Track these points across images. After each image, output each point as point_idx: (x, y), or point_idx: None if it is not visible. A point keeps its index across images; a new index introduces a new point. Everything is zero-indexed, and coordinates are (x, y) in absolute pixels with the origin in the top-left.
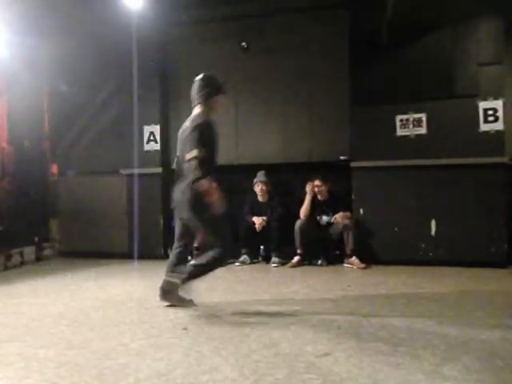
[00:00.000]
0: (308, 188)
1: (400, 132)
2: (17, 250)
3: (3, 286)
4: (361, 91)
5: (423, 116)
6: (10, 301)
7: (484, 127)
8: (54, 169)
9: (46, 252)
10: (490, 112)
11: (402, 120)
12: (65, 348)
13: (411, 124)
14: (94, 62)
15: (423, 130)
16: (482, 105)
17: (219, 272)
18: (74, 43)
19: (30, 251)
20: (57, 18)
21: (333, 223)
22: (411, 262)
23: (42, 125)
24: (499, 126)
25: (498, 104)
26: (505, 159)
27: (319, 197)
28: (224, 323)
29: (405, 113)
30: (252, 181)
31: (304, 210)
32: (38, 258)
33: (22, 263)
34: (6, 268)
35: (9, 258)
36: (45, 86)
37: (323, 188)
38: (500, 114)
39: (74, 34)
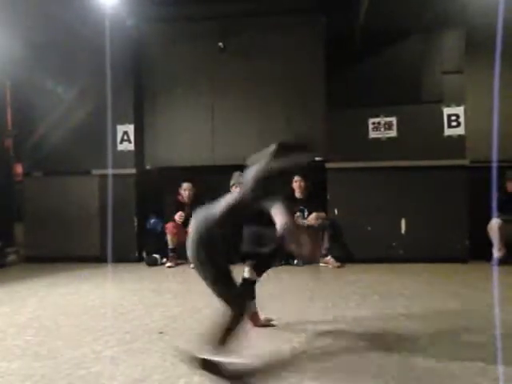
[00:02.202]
0: (294, 185)
1: (372, 134)
2: None
3: None
4: (335, 94)
5: (394, 119)
6: None
7: (448, 132)
8: (19, 169)
9: (10, 258)
10: (453, 117)
11: (374, 123)
12: (31, 360)
13: (383, 127)
14: (65, 58)
15: (394, 133)
16: (446, 110)
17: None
18: (45, 38)
19: None
20: (27, 12)
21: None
22: (383, 260)
23: (4, 121)
24: (461, 130)
25: (460, 110)
26: (466, 161)
27: (297, 194)
28: (200, 325)
29: (377, 116)
30: (228, 182)
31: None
32: (2, 265)
33: None
34: None
35: None
36: (8, 80)
37: (302, 184)
38: (461, 119)
39: (44, 29)
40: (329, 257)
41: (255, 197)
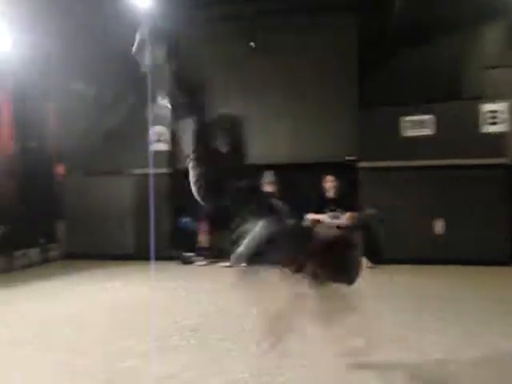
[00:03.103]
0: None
1: (406, 133)
2: (22, 252)
3: (9, 288)
4: (369, 92)
5: (429, 117)
6: (16, 303)
7: (488, 129)
8: (61, 169)
9: (52, 253)
10: (494, 114)
11: (408, 121)
12: (72, 353)
13: (418, 125)
14: (101, 61)
15: (429, 131)
16: (486, 107)
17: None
18: (83, 43)
19: (35, 253)
20: (65, 17)
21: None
22: (417, 261)
23: (48, 125)
24: (502, 127)
25: (502, 106)
26: (506, 160)
27: (328, 194)
28: (232, 323)
29: (412, 114)
30: (259, 181)
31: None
32: (44, 260)
33: (28, 265)
34: (11, 270)
35: (14, 259)
36: (51, 86)
37: (335, 184)
38: (503, 116)
39: (82, 34)
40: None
41: None
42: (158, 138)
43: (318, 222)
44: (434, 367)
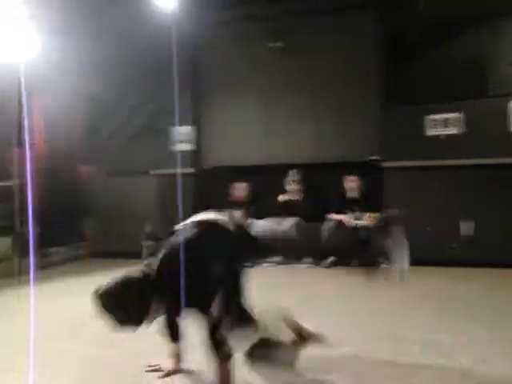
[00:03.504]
0: (348, 184)
1: (431, 132)
2: (54, 250)
3: (42, 284)
4: (393, 91)
5: (455, 116)
6: (49, 299)
7: None
8: (87, 169)
9: (81, 252)
10: None
11: (433, 120)
12: (103, 346)
13: (443, 124)
14: (125, 63)
15: (455, 130)
16: None
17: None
18: (109, 44)
19: (65, 251)
20: (91, 18)
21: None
22: (443, 263)
23: (75, 125)
24: None
25: None
26: None
27: (350, 194)
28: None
29: (436, 112)
30: (282, 181)
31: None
32: (74, 258)
33: (59, 262)
34: (44, 267)
35: (46, 257)
36: (78, 86)
37: (357, 184)
38: None
39: (108, 36)
40: (385, 258)
41: None
42: (181, 138)
43: (340, 222)
44: (462, 372)
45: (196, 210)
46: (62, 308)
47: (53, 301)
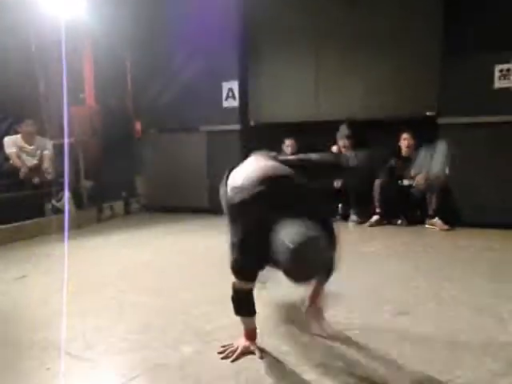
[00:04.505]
0: (403, 142)
1: (499, 84)
2: (108, 204)
3: (97, 237)
4: (454, 38)
5: None
6: (104, 250)
7: None
8: (138, 126)
9: (133, 206)
10: None
11: (501, 70)
12: (154, 295)
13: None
14: (172, 20)
15: None
16: None
17: None
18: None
19: (119, 205)
20: None
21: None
22: (499, 225)
23: (125, 84)
24: None
25: None
26: None
27: (404, 152)
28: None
29: (506, 62)
30: (332, 138)
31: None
32: (126, 212)
33: (113, 216)
34: (98, 221)
35: (101, 211)
36: (126, 47)
37: (411, 142)
38: None
39: None
40: (436, 218)
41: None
42: (228, 95)
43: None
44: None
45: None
46: (114, 258)
47: (108, 252)
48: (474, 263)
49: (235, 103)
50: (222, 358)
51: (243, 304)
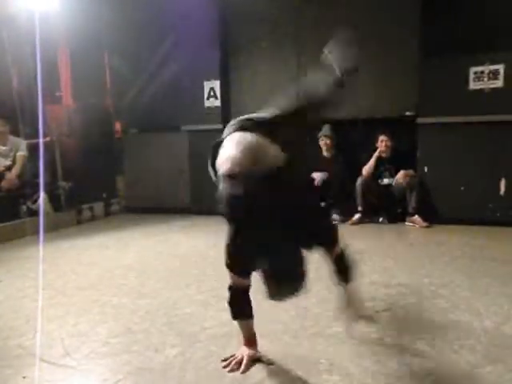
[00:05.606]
0: (380, 144)
1: (473, 85)
2: (87, 206)
3: (76, 239)
4: (432, 41)
5: (500, 68)
6: (83, 253)
7: None
8: (118, 126)
9: (114, 207)
10: None
11: (476, 72)
12: (136, 297)
13: (486, 76)
14: (152, 17)
15: (499, 83)
16: None
17: None
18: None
19: (99, 207)
20: None
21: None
22: (476, 222)
23: (104, 83)
24: None
25: None
26: None
27: (382, 153)
28: None
29: (480, 64)
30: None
31: (368, 168)
32: (107, 213)
33: (92, 218)
34: (78, 222)
35: (80, 213)
36: (104, 42)
37: (389, 144)
38: None
39: None
40: (416, 216)
41: None
42: (210, 94)
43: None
44: (493, 335)
45: None
46: (95, 261)
47: (88, 254)
48: (453, 258)
49: (217, 102)
50: (229, 372)
51: (241, 305)
